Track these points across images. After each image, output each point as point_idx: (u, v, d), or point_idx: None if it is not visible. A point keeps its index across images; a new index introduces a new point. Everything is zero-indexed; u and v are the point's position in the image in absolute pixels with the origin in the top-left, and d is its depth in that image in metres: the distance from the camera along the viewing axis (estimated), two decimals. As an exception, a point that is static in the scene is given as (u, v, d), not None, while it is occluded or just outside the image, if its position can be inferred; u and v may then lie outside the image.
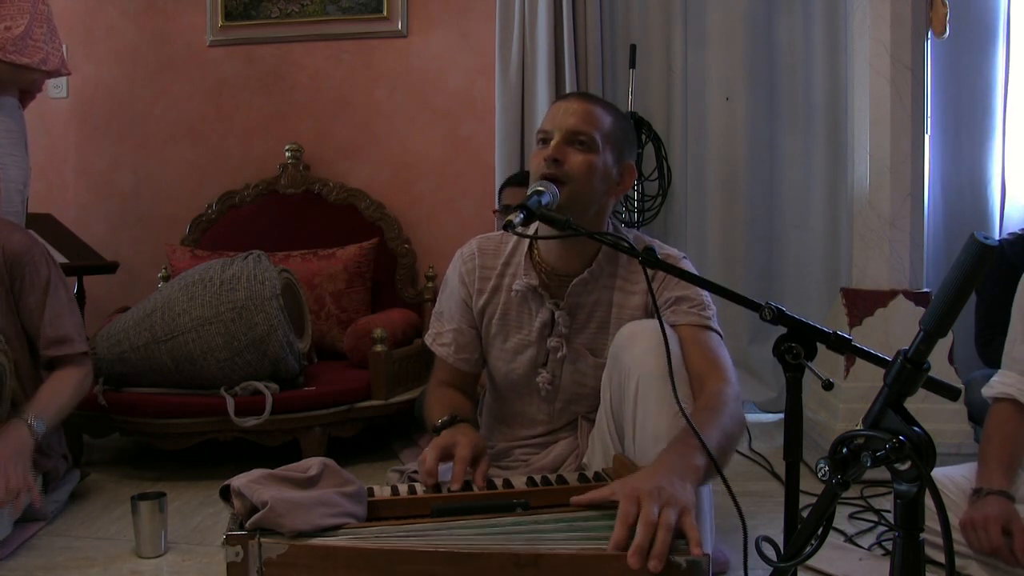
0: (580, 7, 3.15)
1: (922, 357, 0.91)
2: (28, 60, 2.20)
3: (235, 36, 3.52)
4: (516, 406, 1.73)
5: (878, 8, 2.52)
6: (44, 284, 2.06)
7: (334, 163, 3.48)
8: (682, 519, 1.08)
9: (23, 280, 2.03)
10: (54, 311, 2.06)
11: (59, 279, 2.11)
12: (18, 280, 2.03)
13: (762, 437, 2.82)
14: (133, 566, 1.79)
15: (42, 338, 2.06)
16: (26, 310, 2.05)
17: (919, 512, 0.90)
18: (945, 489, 1.64)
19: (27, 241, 2.07)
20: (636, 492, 1.10)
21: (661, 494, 1.10)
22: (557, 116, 1.55)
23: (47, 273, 2.07)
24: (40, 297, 2.05)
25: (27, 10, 2.20)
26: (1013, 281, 1.77)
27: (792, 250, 3.30)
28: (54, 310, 2.07)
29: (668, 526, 1.06)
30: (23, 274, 2.03)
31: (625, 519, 1.08)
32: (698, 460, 1.20)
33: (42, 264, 2.07)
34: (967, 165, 3.13)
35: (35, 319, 2.06)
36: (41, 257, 2.08)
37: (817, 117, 3.23)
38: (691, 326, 1.52)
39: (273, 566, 1.13)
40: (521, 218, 1.33)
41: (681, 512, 1.09)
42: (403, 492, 1.36)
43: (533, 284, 1.62)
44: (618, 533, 1.08)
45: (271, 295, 2.40)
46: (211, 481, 2.40)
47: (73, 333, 2.10)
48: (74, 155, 3.67)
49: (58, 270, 2.12)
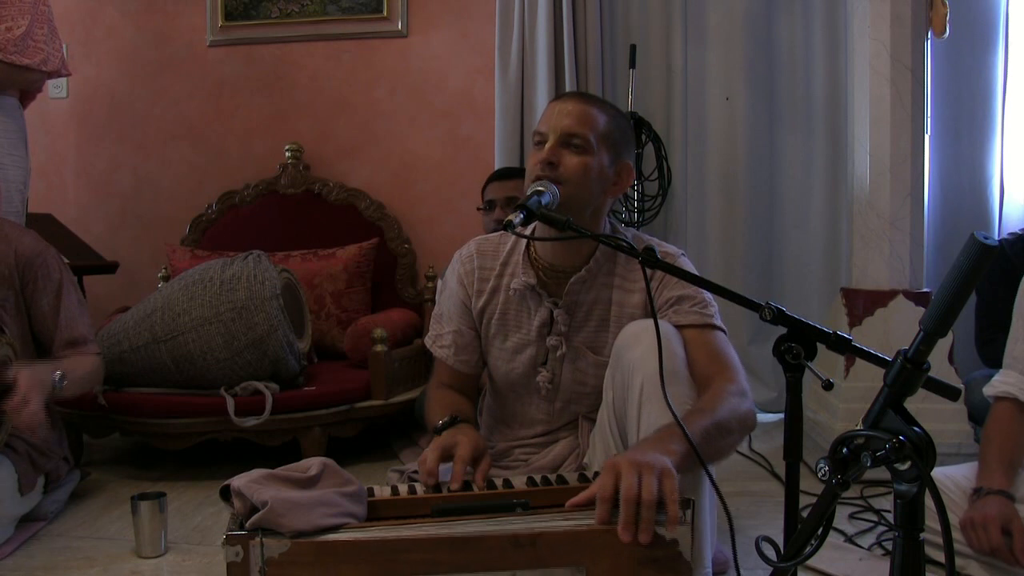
0: (580, 7, 3.15)
1: (922, 357, 0.91)
2: (29, 61, 2.21)
3: (235, 36, 3.52)
4: (516, 406, 1.73)
5: (878, 8, 2.52)
6: (56, 287, 2.06)
7: (334, 163, 3.48)
8: (663, 483, 1.11)
9: (35, 283, 2.03)
10: (68, 314, 2.07)
11: (70, 282, 2.12)
12: (30, 283, 2.03)
13: (762, 437, 2.82)
14: (133, 566, 1.79)
15: (56, 341, 2.07)
16: (38, 313, 2.06)
17: (919, 512, 0.90)
18: (945, 489, 1.64)
19: (39, 244, 2.07)
20: (615, 465, 1.14)
21: (638, 463, 1.13)
22: (552, 117, 1.55)
23: (59, 276, 2.08)
24: (53, 300, 2.06)
25: (28, 11, 2.20)
26: (1013, 281, 1.78)
27: (792, 250, 3.30)
28: (67, 313, 2.07)
29: (650, 495, 1.09)
30: (35, 277, 2.03)
31: (602, 491, 1.12)
32: (676, 445, 1.21)
33: (54, 267, 2.07)
34: (967, 165, 3.13)
35: (48, 322, 2.06)
36: (53, 260, 2.08)
37: (817, 117, 3.23)
38: (695, 327, 1.51)
39: (275, 565, 1.13)
40: (521, 218, 1.33)
41: (662, 475, 1.12)
42: (403, 492, 1.36)
43: (531, 283, 1.62)
44: (599, 510, 1.13)
45: (271, 295, 2.40)
46: (211, 481, 2.40)
47: (87, 335, 2.12)
48: (74, 155, 3.67)
49: (69, 273, 2.14)
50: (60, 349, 2.07)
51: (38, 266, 2.04)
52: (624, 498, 1.10)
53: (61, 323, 2.06)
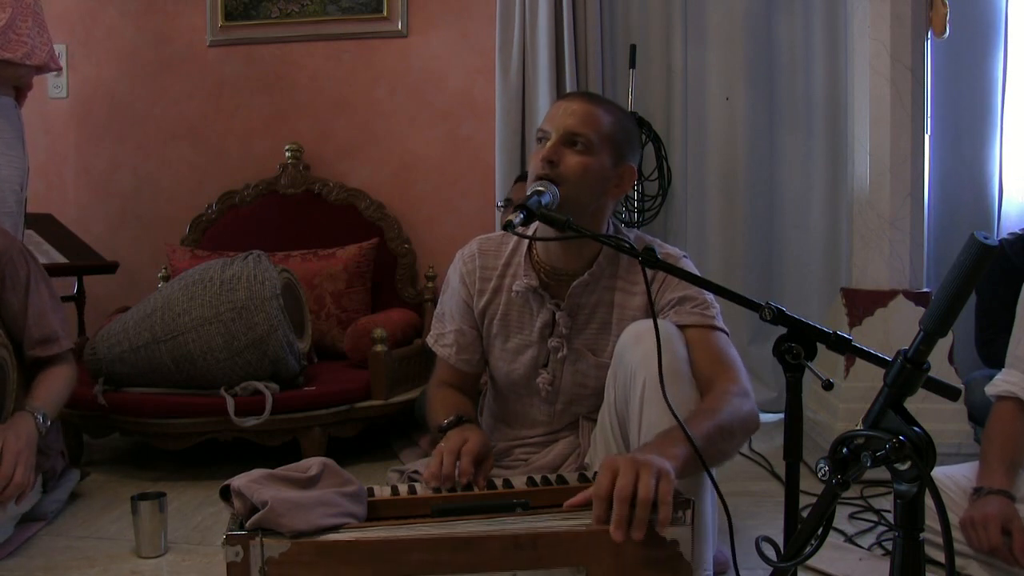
0: (580, 7, 3.15)
1: (922, 357, 0.91)
2: (11, 55, 2.16)
3: (235, 36, 3.52)
4: (517, 406, 1.73)
5: (878, 8, 2.52)
6: (24, 283, 2.01)
7: (334, 163, 3.48)
8: (659, 485, 1.11)
9: (2, 281, 1.98)
10: (37, 310, 2.02)
11: (40, 276, 2.05)
12: None
13: (762, 437, 2.81)
14: (133, 566, 1.79)
15: (27, 338, 2.02)
16: (9, 311, 2.00)
17: (919, 512, 0.90)
18: (945, 489, 1.64)
19: (3, 241, 2.01)
20: (613, 464, 1.13)
21: (636, 462, 1.12)
22: (557, 116, 1.54)
23: (26, 271, 2.02)
24: (22, 297, 2.00)
25: (9, 4, 2.15)
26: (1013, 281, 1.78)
27: (792, 250, 3.30)
28: (37, 309, 2.02)
29: (646, 493, 1.09)
30: (2, 275, 1.98)
31: (598, 489, 1.12)
32: (677, 449, 1.21)
33: (20, 263, 2.01)
34: (967, 165, 3.13)
35: (19, 320, 2.01)
36: (19, 255, 2.02)
37: (817, 117, 3.23)
38: (697, 327, 1.51)
39: (275, 565, 1.13)
40: (521, 218, 1.33)
41: (659, 475, 1.11)
42: (403, 492, 1.37)
43: (533, 285, 1.61)
44: (596, 509, 1.12)
45: (271, 295, 2.40)
46: (211, 481, 2.40)
47: (59, 331, 2.06)
48: (74, 155, 3.67)
49: (38, 267, 2.07)
50: (31, 347, 2.02)
51: (4, 264, 1.98)
52: (618, 497, 1.09)
53: (30, 320, 2.00)
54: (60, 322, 2.08)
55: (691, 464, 1.22)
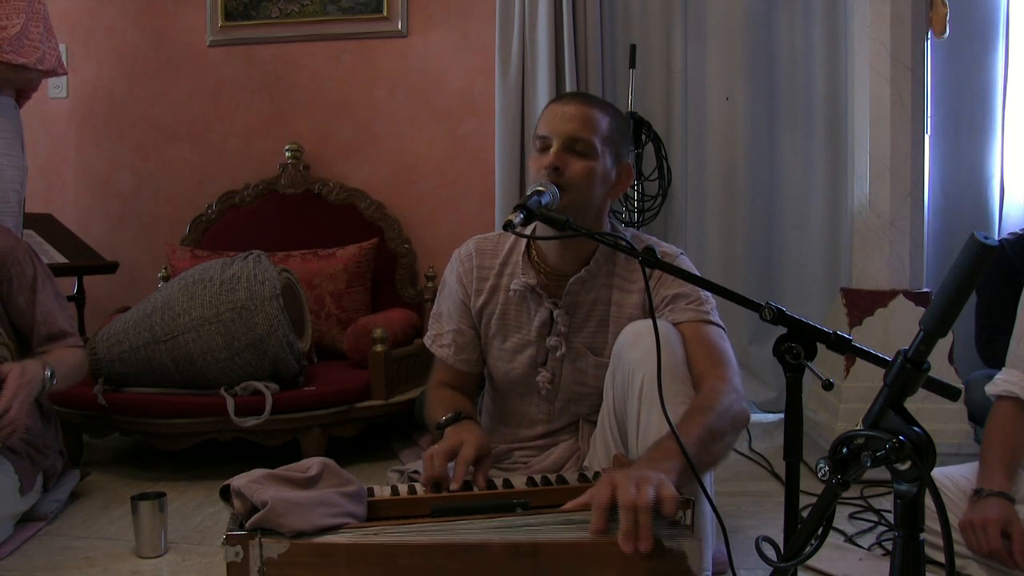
0: (580, 7, 3.15)
1: (922, 357, 0.91)
2: (25, 60, 2.19)
3: (235, 36, 3.51)
4: (516, 406, 1.73)
5: (878, 8, 2.52)
6: (31, 283, 2.03)
7: (334, 163, 3.48)
8: (660, 490, 1.11)
9: (10, 281, 2.01)
10: (44, 308, 2.04)
11: (46, 276, 2.08)
12: (4, 282, 2.00)
13: (762, 437, 2.82)
14: (133, 566, 1.79)
15: (35, 336, 2.04)
16: (16, 311, 2.03)
17: (919, 512, 0.90)
18: (945, 489, 1.63)
19: (9, 242, 2.03)
20: (611, 478, 1.14)
21: (635, 477, 1.13)
22: (555, 121, 1.54)
23: (33, 271, 2.04)
24: (29, 296, 2.03)
25: (23, 9, 2.18)
26: (1013, 281, 1.78)
27: (792, 250, 3.30)
28: (44, 307, 2.04)
29: (647, 503, 1.09)
30: (9, 275, 2.00)
31: (597, 501, 1.12)
32: (671, 463, 1.20)
33: (27, 262, 2.04)
34: (967, 165, 3.13)
35: (26, 319, 2.03)
36: (25, 255, 2.05)
37: (817, 117, 3.23)
38: (692, 323, 1.51)
39: (274, 565, 1.13)
40: (521, 218, 1.33)
41: (658, 485, 1.12)
42: (403, 492, 1.37)
43: (531, 283, 1.62)
44: (595, 519, 1.12)
45: (271, 295, 2.40)
46: (211, 481, 2.40)
47: (67, 328, 2.08)
48: (74, 155, 3.67)
49: (44, 266, 2.10)
50: (40, 344, 2.04)
51: (10, 264, 2.00)
52: (622, 505, 1.09)
53: (38, 319, 2.03)
54: (67, 319, 2.11)
55: (685, 476, 1.22)
